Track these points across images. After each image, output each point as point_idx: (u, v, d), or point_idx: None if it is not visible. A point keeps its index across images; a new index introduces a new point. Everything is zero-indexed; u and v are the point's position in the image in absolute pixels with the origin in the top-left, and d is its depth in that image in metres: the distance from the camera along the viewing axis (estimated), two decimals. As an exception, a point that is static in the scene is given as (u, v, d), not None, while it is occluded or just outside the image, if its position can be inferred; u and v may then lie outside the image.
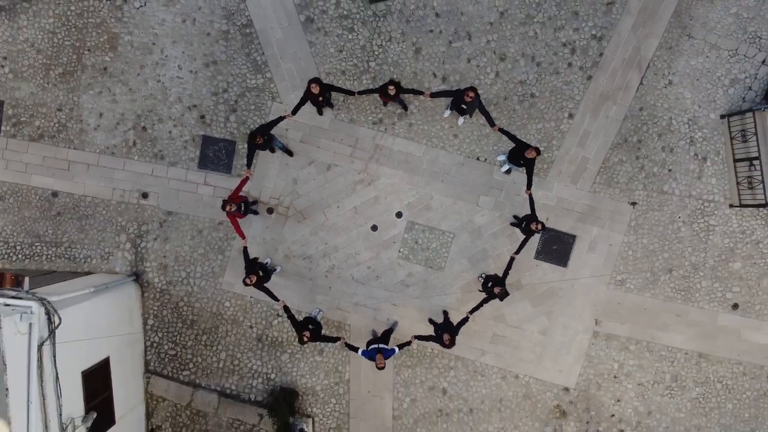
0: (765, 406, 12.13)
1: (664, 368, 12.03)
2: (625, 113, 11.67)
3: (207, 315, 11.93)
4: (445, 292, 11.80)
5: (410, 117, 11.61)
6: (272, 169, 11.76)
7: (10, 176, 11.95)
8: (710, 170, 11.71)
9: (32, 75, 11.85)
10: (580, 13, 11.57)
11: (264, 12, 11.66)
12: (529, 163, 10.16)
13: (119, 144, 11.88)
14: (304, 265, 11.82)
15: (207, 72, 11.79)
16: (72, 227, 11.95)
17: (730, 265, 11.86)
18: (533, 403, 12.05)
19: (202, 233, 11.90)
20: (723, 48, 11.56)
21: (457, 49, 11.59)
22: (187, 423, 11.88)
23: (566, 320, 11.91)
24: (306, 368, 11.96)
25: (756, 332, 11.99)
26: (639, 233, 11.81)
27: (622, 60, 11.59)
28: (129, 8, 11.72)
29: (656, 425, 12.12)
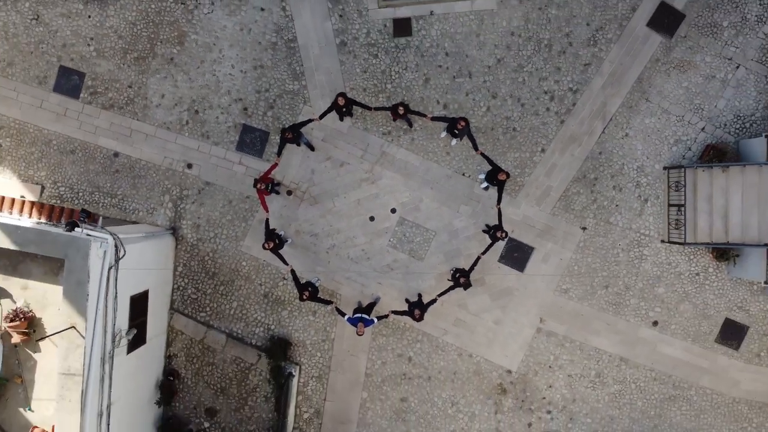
0: (668, 408, 14.81)
1: (591, 365, 14.70)
2: (587, 154, 14.34)
3: (226, 270, 14.59)
4: (422, 278, 14.46)
5: (413, 133, 14.27)
6: (296, 159, 14.41)
7: (81, 135, 14.58)
8: (649, 210, 14.39)
9: (112, 56, 14.49)
10: (562, 69, 14.24)
11: (307, 31, 14.31)
12: (500, 183, 12.85)
13: (174, 121, 14.53)
14: (311, 241, 14.47)
15: (254, 73, 14.43)
16: (126, 183, 14.60)
17: (655, 290, 14.54)
18: (481, 379, 14.72)
19: (232, 203, 14.55)
20: (672, 113, 14.24)
21: (458, 84, 14.26)
22: (198, 355, 14.54)
23: (516, 315, 14.58)
24: (300, 325, 14.62)
25: (669, 347, 14.67)
26: (585, 253, 14.48)
27: (590, 111, 14.26)
28: (198, 13, 14.37)
29: (578, 411, 14.79)
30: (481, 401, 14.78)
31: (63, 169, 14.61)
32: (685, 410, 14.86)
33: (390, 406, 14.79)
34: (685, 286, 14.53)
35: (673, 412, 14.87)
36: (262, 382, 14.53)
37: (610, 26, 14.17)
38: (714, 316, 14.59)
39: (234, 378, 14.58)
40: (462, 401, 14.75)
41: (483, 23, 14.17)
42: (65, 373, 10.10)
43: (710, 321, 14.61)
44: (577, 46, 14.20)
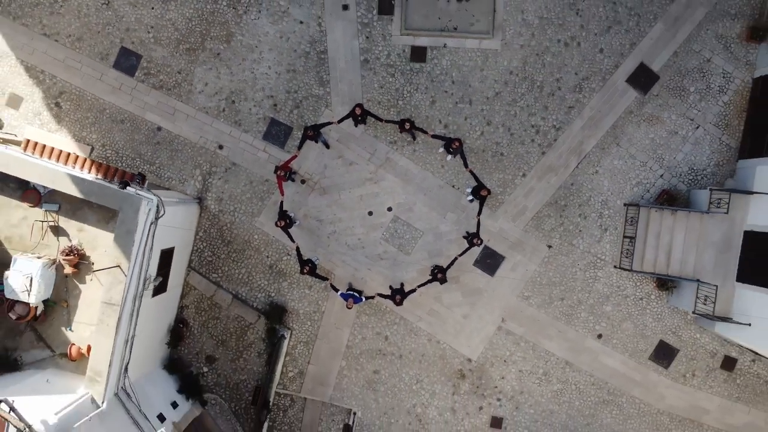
0: (601, 410, 17.18)
1: (540, 365, 17.07)
2: (561, 184, 16.70)
3: (240, 240, 16.93)
4: (406, 269, 16.82)
5: (415, 145, 16.62)
6: (312, 154, 16.75)
7: (131, 108, 16.92)
8: (607, 238, 16.75)
9: (167, 44, 16.83)
10: (549, 108, 16.60)
11: (337, 46, 16.66)
12: (482, 198, 15.25)
13: (213, 107, 16.88)
14: (315, 225, 16.82)
15: (286, 76, 16.78)
16: (164, 155, 16.94)
17: (603, 307, 16.90)
18: (444, 363, 17.08)
19: (252, 183, 16.89)
20: (638, 159, 16.62)
21: (459, 109, 16.62)
22: (206, 309, 16.89)
23: (482, 313, 16.93)
24: (297, 295, 16.97)
25: (609, 358, 17.04)
26: (548, 267, 16.84)
27: (568, 147, 16.62)
28: (247, 18, 16.72)
29: (523, 402, 17.16)
30: (442, 382, 17.14)
31: (112, 135, 16.96)
32: (615, 414, 17.23)
33: (363, 376, 17.15)
34: (629, 308, 16.89)
35: (605, 415, 17.24)
36: (258, 340, 16.89)
37: (594, 77, 16.54)
38: (650, 337, 16.96)
39: (234, 333, 16.94)
40: (426, 380, 17.12)
41: (487, 60, 16.54)
42: (107, 302, 12.44)
43: (647, 341, 16.98)
44: (564, 90, 16.56)
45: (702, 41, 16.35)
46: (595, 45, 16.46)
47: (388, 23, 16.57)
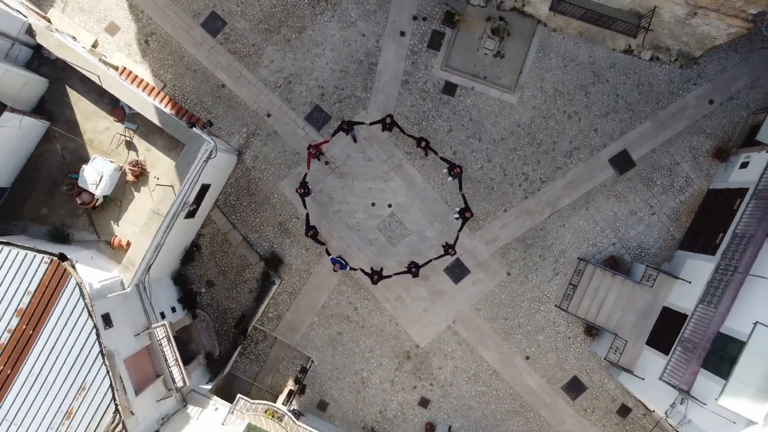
0: (510, 418, 20.52)
1: (472, 366, 20.41)
2: (532, 226, 20.05)
3: (261, 195, 20.20)
4: (388, 258, 20.12)
5: (425, 161, 19.92)
6: (341, 142, 20.01)
7: (205, 62, 20.15)
8: (556, 281, 20.12)
9: (250, 19, 20.09)
10: (541, 162, 19.96)
11: (386, 63, 19.95)
12: (465, 219, 18.60)
13: (271, 82, 20.14)
14: (326, 201, 20.11)
15: (339, 74, 20.06)
16: (221, 108, 20.19)
17: (537, 335, 20.26)
18: (396, 342, 20.39)
19: (285, 152, 20.16)
20: (599, 225, 20.01)
21: (469, 142, 19.94)
22: (218, 242, 20.15)
23: (439, 311, 20.26)
24: (294, 253, 20.25)
25: (529, 377, 20.40)
26: (502, 290, 20.19)
27: (546, 199, 19.98)
28: (321, 18, 20.00)
29: (451, 392, 20.49)
30: (390, 357, 20.45)
31: (183, 79, 20.20)
32: (521, 425, 20.59)
33: (328, 334, 20.45)
34: (558, 342, 20.25)
35: (513, 423, 20.59)
36: (252, 279, 20.17)
37: (584, 149, 19.89)
38: (568, 371, 20.33)
39: (235, 268, 20.21)
40: (377, 352, 20.43)
41: (503, 110, 19.88)
42: (155, 211, 15.69)
43: (564, 373, 20.35)
44: (557, 152, 19.92)
45: (677, 147, 19.74)
46: (592, 124, 19.82)
47: (432, 57, 19.88)
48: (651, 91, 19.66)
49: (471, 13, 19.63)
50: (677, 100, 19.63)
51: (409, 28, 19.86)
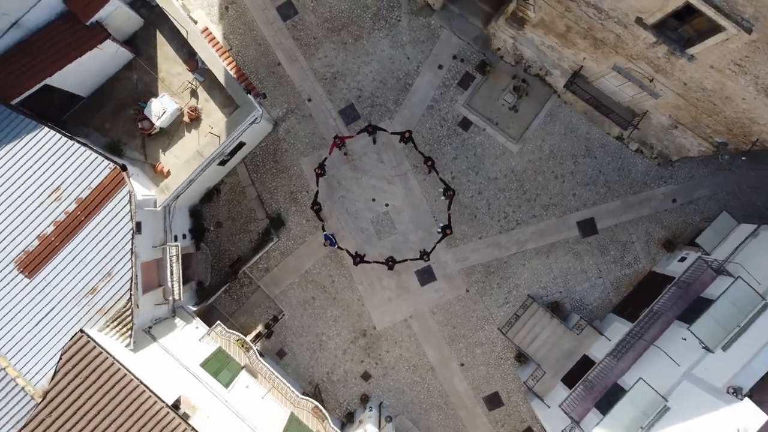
0: (433, 411, 23.80)
1: (415, 359, 23.68)
2: (498, 257, 23.36)
3: (283, 164, 23.38)
4: (372, 247, 23.36)
5: (427, 177, 23.17)
6: (362, 141, 23.21)
7: (270, 40, 23.26)
8: (505, 308, 23.38)
9: (318, 16, 23.19)
10: (521, 207, 23.25)
11: (420, 86, 23.17)
12: (445, 234, 21.90)
13: (320, 72, 23.32)
14: (335, 185, 23.30)
15: (377, 84, 23.28)
16: (272, 82, 23.34)
17: (476, 349, 23.57)
18: (358, 319, 23.64)
19: (314, 135, 23.34)
20: (553, 273, 23.33)
21: (468, 173, 23.22)
22: (236, 192, 23.31)
23: (401, 304, 23.53)
24: (296, 220, 23.44)
25: (459, 382, 23.71)
26: (458, 303, 23.47)
27: (516, 239, 23.28)
28: (376, 34, 23.17)
29: (390, 375, 23.75)
30: (348, 330, 23.70)
31: (247, 48, 23.35)
32: (440, 419, 23.88)
33: (303, 295, 23.66)
34: (491, 359, 23.59)
35: (434, 415, 23.88)
36: (255, 231, 23.36)
37: (559, 207, 23.24)
38: (492, 385, 23.67)
39: (243, 217, 23.39)
40: (339, 322, 23.67)
41: (503, 155, 23.19)
42: (199, 152, 18.82)
43: (489, 386, 23.69)
44: (537, 203, 23.26)
45: (636, 228, 23.14)
46: (572, 188, 23.17)
47: (459, 93, 23.16)
48: (628, 176, 23.05)
49: (501, 68, 22.93)
50: (647, 190, 23.03)
51: (447, 64, 23.12)
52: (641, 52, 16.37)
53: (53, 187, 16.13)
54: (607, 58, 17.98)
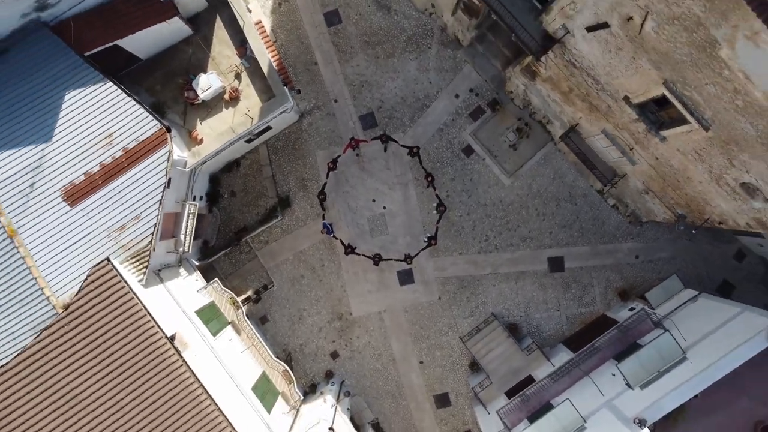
0: (387, 399, 26.36)
1: (380, 349, 26.27)
2: (473, 274, 26.00)
3: (300, 152, 25.96)
4: (364, 242, 25.96)
5: (425, 190, 25.78)
6: (375, 146, 25.81)
7: (311, 40, 25.87)
8: (469, 320, 26.02)
9: (359, 28, 25.81)
10: (502, 234, 25.92)
11: (435, 109, 25.79)
12: (429, 244, 24.54)
13: (350, 79, 25.91)
14: (342, 181, 25.89)
15: (398, 99, 25.87)
16: (305, 78, 25.93)
17: (436, 351, 26.18)
18: (338, 303, 26.21)
19: (333, 132, 25.94)
20: (519, 298, 25.99)
21: (461, 195, 25.85)
22: (253, 169, 25.88)
23: (380, 298, 26.13)
24: (302, 204, 26.02)
25: (416, 377, 26.31)
26: (429, 307, 26.08)
27: (492, 261, 25.93)
28: (407, 56, 25.81)
29: (356, 358, 26.33)
30: (327, 311, 26.28)
31: (290, 44, 25.95)
32: (391, 407, 26.46)
33: (293, 273, 26.23)
34: (448, 363, 26.22)
35: (387, 402, 26.47)
36: (263, 206, 25.93)
37: (535, 241, 25.90)
38: (444, 386, 26.29)
39: (255, 192, 25.94)
40: (321, 303, 26.24)
41: (496, 185, 25.84)
42: (232, 128, 21.38)
43: (441, 386, 26.31)
44: (516, 234, 25.91)
45: (598, 273, 25.85)
46: (550, 227, 25.86)
47: (468, 122, 25.83)
48: (601, 227, 25.76)
49: (509, 109, 25.62)
50: (615, 243, 25.75)
51: (463, 95, 25.78)
52: (625, 124, 19.07)
53: (106, 134, 18.66)
54: (599, 121, 20.68)
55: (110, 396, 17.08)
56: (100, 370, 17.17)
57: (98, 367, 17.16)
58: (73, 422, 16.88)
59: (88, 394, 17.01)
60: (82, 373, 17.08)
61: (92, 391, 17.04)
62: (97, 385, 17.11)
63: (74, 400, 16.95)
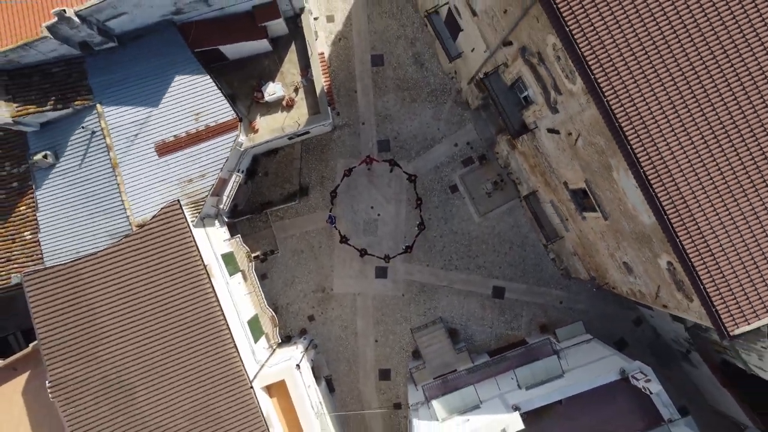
0: (342, 364, 33.19)
1: (348, 322, 33.15)
2: (433, 283, 33.00)
3: (325, 156, 32.94)
4: (357, 238, 32.92)
5: (413, 210, 32.77)
6: (383, 167, 32.79)
7: (357, 73, 32.94)
8: (421, 318, 32.98)
9: (396, 73, 32.91)
10: (462, 258, 32.94)
11: (437, 151, 32.84)
12: (406, 251, 31.56)
13: (379, 111, 32.98)
14: (352, 186, 32.85)
15: (411, 136, 32.91)
16: (344, 101, 32.97)
17: (390, 335, 33.09)
18: (324, 278, 33.12)
19: (354, 147, 32.94)
20: (463, 310, 33.01)
21: (440, 220, 32.86)
22: (288, 158, 32.84)
23: (356, 283, 33.04)
24: (316, 195, 32.98)
25: (369, 351, 33.20)
26: (393, 300, 33.00)
27: (450, 278, 32.94)
28: (425, 104, 32.92)
29: (326, 325, 33.19)
30: (314, 282, 33.18)
31: (340, 70, 32.99)
32: (344, 370, 33.24)
33: (296, 247, 33.14)
34: (397, 346, 33.08)
35: (342, 365, 33.28)
36: (287, 190, 32.88)
37: (486, 270, 32.87)
38: (389, 363, 33.12)
39: (284, 177, 32.90)
40: (312, 275, 33.15)
41: (468, 219, 32.85)
42: (282, 128, 28.35)
43: (386, 363, 33.15)
44: (474, 261, 32.86)
45: (528, 308, 32.84)
46: (501, 263, 32.87)
47: (459, 167, 32.91)
48: (540, 273, 32.83)
49: (493, 165, 32.75)
50: (547, 288, 32.82)
51: (461, 145, 32.90)
52: (564, 201, 26.17)
53: (196, 111, 25.58)
54: (549, 194, 27.78)
55: (155, 295, 23.89)
56: (153, 276, 23.97)
57: (152, 273, 23.97)
58: (126, 309, 23.70)
59: (141, 289, 23.84)
60: (139, 273, 23.90)
61: (143, 289, 23.86)
62: (147, 287, 23.92)
63: (129, 292, 23.76)
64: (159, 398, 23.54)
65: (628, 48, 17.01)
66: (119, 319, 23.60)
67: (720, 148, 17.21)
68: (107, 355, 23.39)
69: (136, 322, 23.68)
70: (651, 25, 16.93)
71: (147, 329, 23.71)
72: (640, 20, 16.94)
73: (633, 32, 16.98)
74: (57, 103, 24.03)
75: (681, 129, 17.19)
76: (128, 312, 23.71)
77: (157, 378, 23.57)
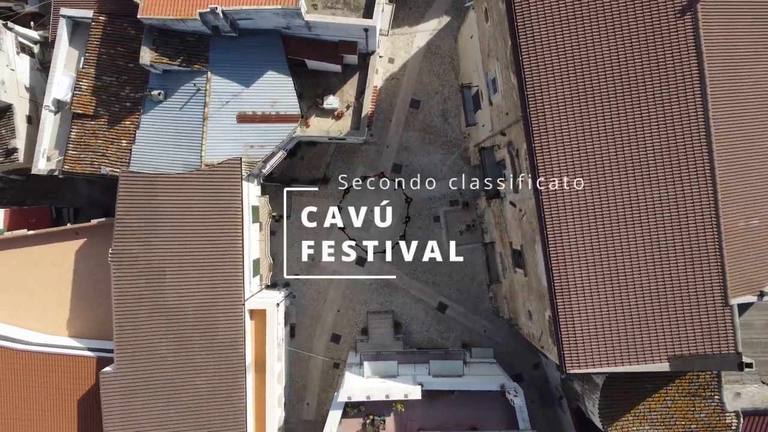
0: (307, 317, 42.16)
1: (323, 289, 42.10)
2: (396, 284, 42.02)
3: (350, 160, 42.00)
4: (354, 230, 41.94)
5: (400, 224, 41.82)
6: (391, 184, 41.87)
7: (396, 107, 42.06)
8: (377, 307, 41.96)
9: (425, 117, 42.05)
10: (435, 278, 41.99)
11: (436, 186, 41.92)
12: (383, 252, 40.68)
13: (403, 141, 42.08)
14: (362, 191, 41.89)
15: (420, 168, 42.02)
16: (379, 126, 42.07)
17: (349, 311, 42.05)
18: (316, 251, 42.14)
19: (374, 162, 42.00)
20: (411, 312, 42.02)
21: (420, 239, 41.92)
22: (322, 152, 41.90)
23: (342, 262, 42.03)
24: (333, 187, 42.00)
25: (331, 318, 42.12)
26: (362, 285, 41.95)
27: (410, 285, 41.95)
28: (439, 147, 42.05)
29: (307, 285, 42.12)
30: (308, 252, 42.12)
31: (384, 100, 42.13)
32: (306, 324, 42.15)
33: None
34: (354, 319, 42.00)
35: (305, 320, 42.11)
36: (313, 174, 41.91)
37: (439, 288, 41.91)
38: (342, 331, 42.02)
39: (314, 164, 41.93)
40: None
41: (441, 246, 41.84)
42: (329, 130, 37.42)
43: (340, 330, 42.05)
44: (432, 277, 41.87)
45: (459, 326, 41.84)
46: (452, 286, 41.82)
47: (446, 204, 41.97)
48: (478, 303, 41.89)
49: (472, 211, 41.89)
50: (479, 317, 41.83)
51: (454, 189, 42.01)
52: (507, 255, 35.27)
53: (273, 99, 34.60)
54: (500, 247, 36.89)
55: (202, 215, 32.81)
56: (205, 201, 32.88)
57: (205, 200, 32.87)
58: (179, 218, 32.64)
59: (194, 208, 32.81)
60: (197, 197, 32.82)
61: (196, 208, 32.80)
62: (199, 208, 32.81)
63: (186, 208, 32.70)
64: (179, 285, 32.43)
65: (563, 173, 26.19)
66: (171, 224, 32.58)
67: (600, 266, 26.35)
68: (155, 245, 32.34)
69: (183, 229, 32.65)
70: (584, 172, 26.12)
71: (189, 237, 32.69)
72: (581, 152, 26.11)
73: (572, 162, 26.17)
74: (183, 62, 33.07)
75: (578, 242, 26.34)
76: (180, 220, 32.69)
77: (183, 272, 32.52)
